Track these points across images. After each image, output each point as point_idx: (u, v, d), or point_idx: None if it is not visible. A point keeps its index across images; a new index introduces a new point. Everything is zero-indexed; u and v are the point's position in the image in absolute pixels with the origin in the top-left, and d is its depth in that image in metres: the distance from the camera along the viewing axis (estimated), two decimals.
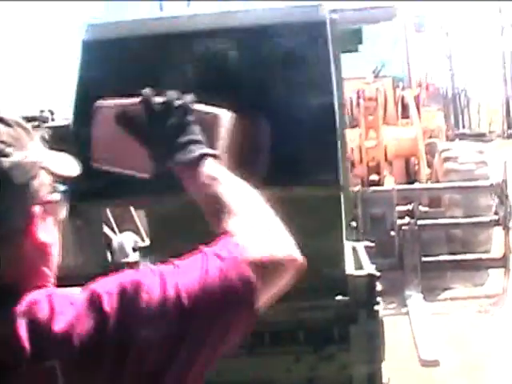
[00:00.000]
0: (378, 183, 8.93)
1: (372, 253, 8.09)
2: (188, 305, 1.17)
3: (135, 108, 1.75)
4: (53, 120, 4.25)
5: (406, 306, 7.76)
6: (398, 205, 8.43)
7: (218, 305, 1.19)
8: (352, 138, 9.11)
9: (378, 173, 8.90)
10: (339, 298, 2.65)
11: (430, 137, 10.60)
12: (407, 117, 9.81)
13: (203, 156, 1.55)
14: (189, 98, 1.68)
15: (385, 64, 10.42)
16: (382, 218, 8.36)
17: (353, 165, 9.17)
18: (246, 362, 2.68)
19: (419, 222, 8.22)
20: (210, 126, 1.78)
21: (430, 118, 10.43)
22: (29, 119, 4.54)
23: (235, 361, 2.62)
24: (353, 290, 2.65)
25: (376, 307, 2.66)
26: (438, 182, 9.23)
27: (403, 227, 8.17)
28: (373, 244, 3.27)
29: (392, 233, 8.13)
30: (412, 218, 8.29)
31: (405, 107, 9.96)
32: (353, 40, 2.79)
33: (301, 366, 2.74)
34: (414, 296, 7.95)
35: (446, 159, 9.01)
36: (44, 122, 3.56)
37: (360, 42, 2.80)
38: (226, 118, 1.90)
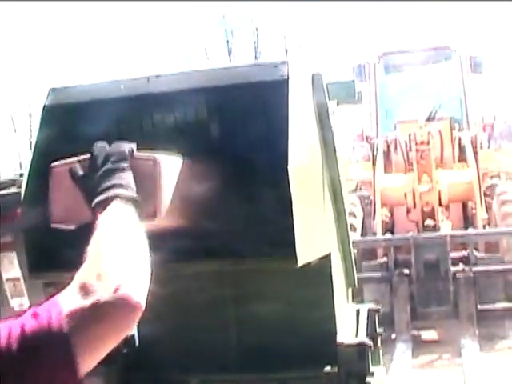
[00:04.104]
0: (434, 228, 8.70)
1: (425, 301, 8.03)
2: None
3: (84, 162, 1.78)
4: None
5: (460, 356, 7.51)
6: (453, 250, 8.21)
7: (27, 361, 1.17)
8: (406, 182, 8.97)
9: (433, 218, 8.68)
10: (328, 368, 2.54)
11: (492, 178, 10.36)
12: (465, 159, 9.59)
13: (110, 199, 1.55)
14: (127, 146, 1.71)
15: (441, 105, 10.23)
16: (435, 265, 8.15)
17: (407, 210, 9.01)
18: None
19: (474, 269, 7.99)
20: (147, 172, 1.78)
21: (488, 159, 10.14)
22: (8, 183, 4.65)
23: None
24: (343, 359, 2.54)
25: (368, 378, 2.55)
26: (496, 226, 8.96)
27: (457, 274, 7.95)
28: (378, 307, 3.12)
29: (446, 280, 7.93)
30: (467, 264, 8.06)
31: (462, 149, 9.74)
32: (346, 93, 2.72)
33: None
34: (469, 346, 7.68)
35: (503, 202, 8.75)
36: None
37: (353, 96, 2.71)
38: (167, 163, 1.88)
